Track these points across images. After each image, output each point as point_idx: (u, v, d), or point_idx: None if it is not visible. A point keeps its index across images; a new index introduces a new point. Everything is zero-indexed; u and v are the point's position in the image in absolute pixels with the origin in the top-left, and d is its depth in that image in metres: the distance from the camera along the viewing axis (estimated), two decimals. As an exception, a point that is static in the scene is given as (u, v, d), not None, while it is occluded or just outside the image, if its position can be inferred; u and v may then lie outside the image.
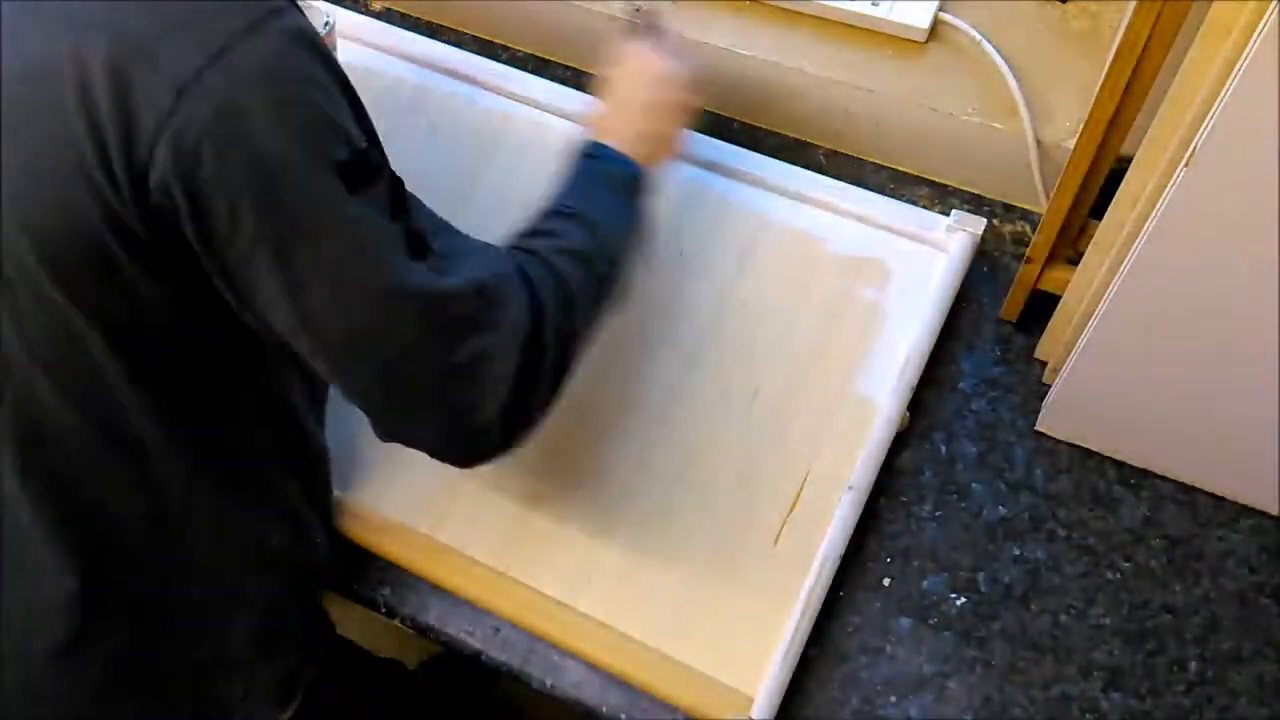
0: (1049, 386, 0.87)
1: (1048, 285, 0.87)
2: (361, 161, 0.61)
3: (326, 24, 0.90)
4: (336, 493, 0.87)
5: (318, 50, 0.60)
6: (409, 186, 0.97)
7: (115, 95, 0.54)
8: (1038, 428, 0.87)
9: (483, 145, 1.00)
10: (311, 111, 0.59)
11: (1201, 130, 0.61)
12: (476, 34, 1.09)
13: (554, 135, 0.99)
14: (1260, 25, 0.55)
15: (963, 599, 0.82)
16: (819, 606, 0.80)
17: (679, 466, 0.86)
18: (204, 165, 0.55)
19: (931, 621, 0.81)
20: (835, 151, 1.00)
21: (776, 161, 0.97)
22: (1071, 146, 0.76)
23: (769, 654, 0.78)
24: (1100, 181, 0.78)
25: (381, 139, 1.00)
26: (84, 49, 0.54)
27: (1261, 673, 0.78)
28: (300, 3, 0.82)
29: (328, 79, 0.61)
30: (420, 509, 0.86)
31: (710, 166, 0.96)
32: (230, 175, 0.56)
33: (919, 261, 0.91)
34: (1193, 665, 0.79)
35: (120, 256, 0.58)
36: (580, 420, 0.88)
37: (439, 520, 0.85)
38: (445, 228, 0.68)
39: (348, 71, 1.03)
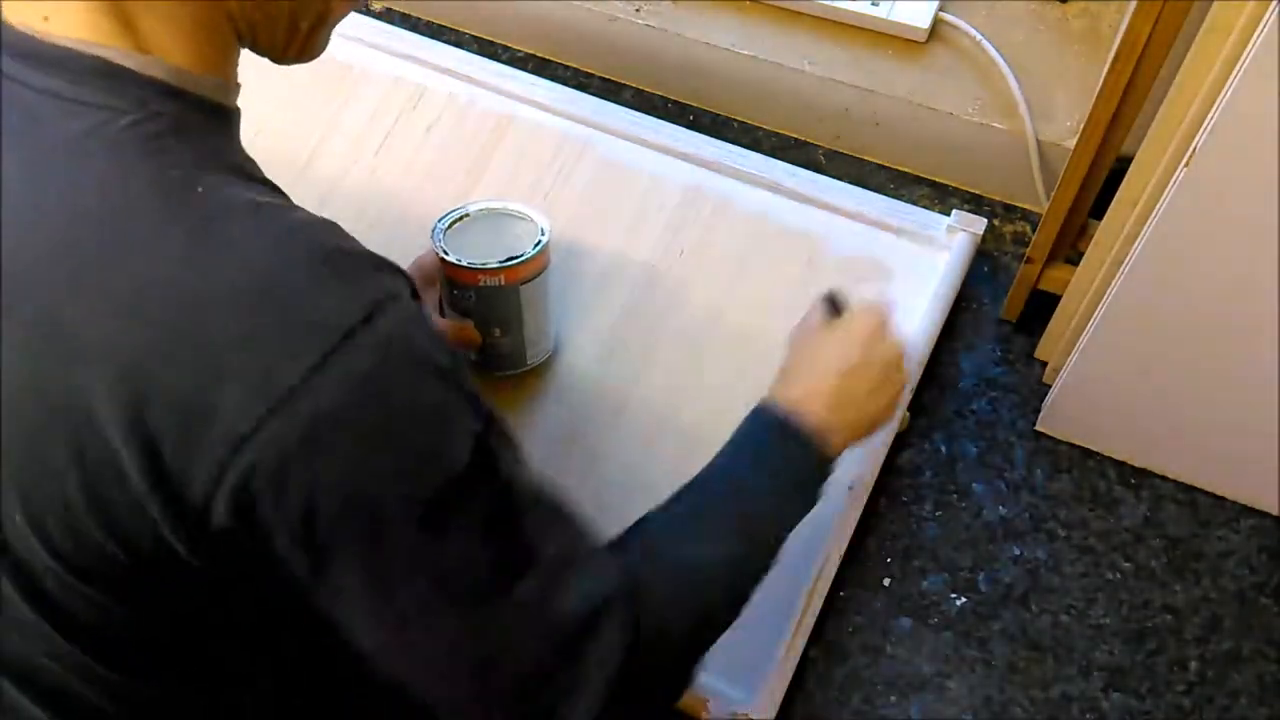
0: (1049, 386, 0.87)
1: (1048, 285, 0.87)
2: (457, 485, 0.51)
3: (539, 243, 0.80)
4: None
5: (415, 358, 0.51)
6: (409, 187, 0.98)
7: (163, 447, 0.48)
8: (1038, 428, 0.87)
9: (483, 145, 1.00)
10: (390, 453, 0.50)
11: (1201, 130, 0.61)
12: (476, 34, 1.09)
13: (554, 135, 0.99)
14: (1260, 25, 0.55)
15: (963, 599, 0.82)
16: (819, 606, 0.80)
17: (680, 466, 0.86)
18: (268, 515, 0.49)
19: (931, 621, 0.81)
20: (835, 151, 1.00)
21: (776, 161, 0.97)
22: (1071, 146, 0.76)
23: (769, 654, 0.78)
24: (1100, 181, 0.78)
25: (382, 139, 1.01)
26: (126, 391, 0.48)
27: (1261, 673, 0.78)
28: (514, 214, 0.83)
29: (427, 392, 0.51)
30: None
31: (710, 166, 0.96)
32: (298, 524, 0.49)
33: (919, 261, 0.91)
34: (1193, 665, 0.79)
35: (155, 570, 0.52)
36: (580, 421, 0.88)
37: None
38: (551, 516, 0.57)
39: (348, 72, 1.04)
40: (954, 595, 0.82)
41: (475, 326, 0.82)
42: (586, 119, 0.99)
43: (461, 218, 0.83)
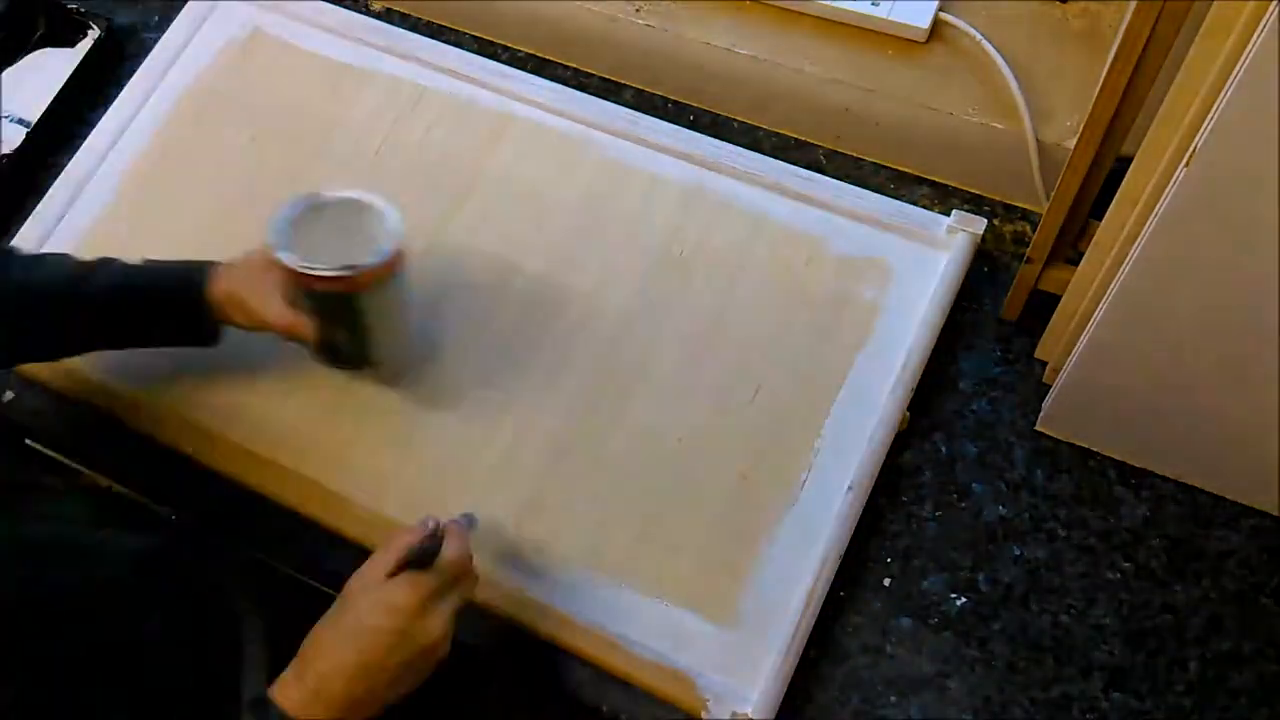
0: (1049, 386, 0.87)
1: (1048, 285, 0.87)
2: None
3: (380, 251, 0.75)
4: (338, 493, 0.87)
5: None
6: (409, 187, 0.98)
7: None
8: (1038, 428, 0.87)
9: (483, 145, 1.00)
10: None
11: (1201, 130, 0.61)
12: (476, 34, 1.09)
13: (554, 135, 0.99)
14: (1260, 25, 0.55)
15: (963, 599, 0.82)
16: (819, 606, 0.80)
17: (679, 466, 0.86)
18: None
19: (931, 621, 0.81)
20: (835, 151, 1.00)
21: (776, 161, 0.97)
22: (1071, 146, 0.76)
23: (769, 654, 0.79)
24: (1100, 181, 0.78)
25: (382, 139, 1.01)
26: None
27: (1261, 673, 0.78)
28: (372, 208, 0.76)
29: None
30: (420, 512, 0.86)
31: (710, 166, 0.96)
32: None
33: (919, 261, 0.91)
34: (1193, 665, 0.79)
35: None
36: (579, 423, 0.88)
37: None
38: None
39: (348, 72, 1.04)
40: (954, 595, 0.82)
41: (318, 325, 0.78)
42: (586, 119, 0.99)
43: (316, 207, 0.77)
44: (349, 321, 0.78)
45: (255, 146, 1.02)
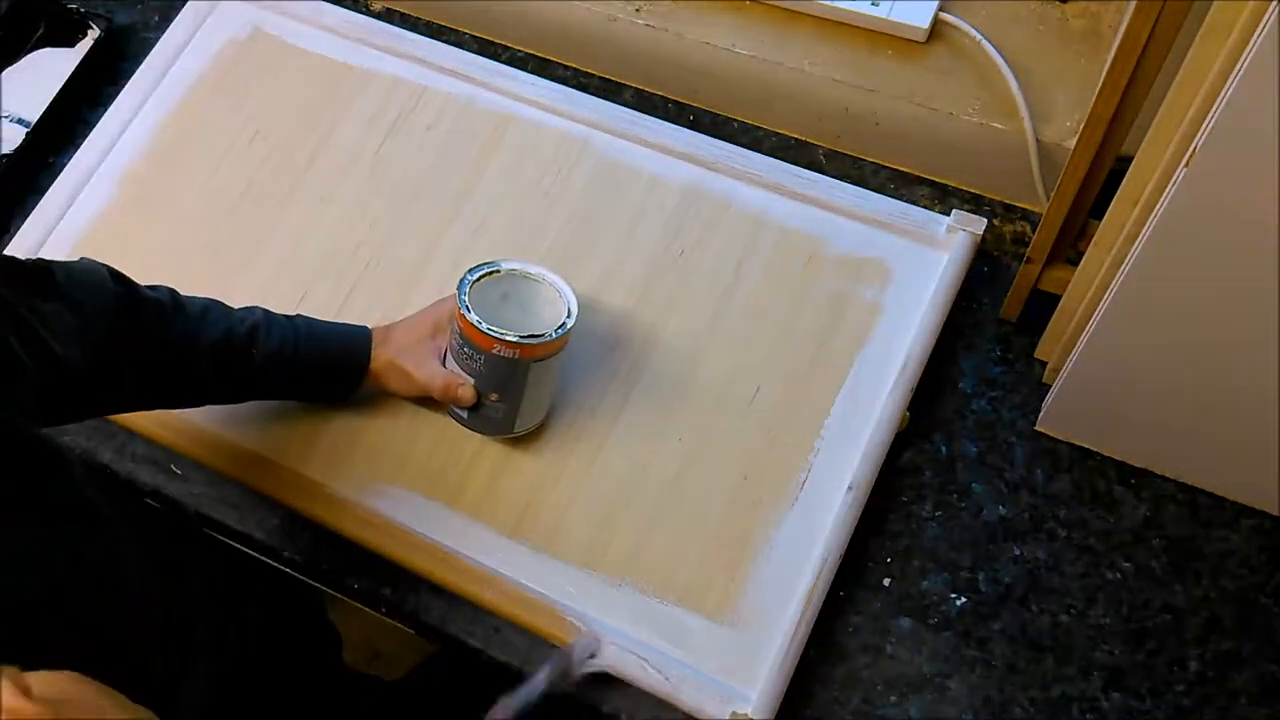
0: (1049, 386, 0.87)
1: (1048, 285, 0.87)
2: None
3: (563, 326, 0.82)
4: (338, 493, 0.87)
5: None
6: (408, 187, 0.98)
7: None
8: (1038, 428, 0.87)
9: (483, 145, 1.00)
10: None
11: (1201, 130, 0.61)
12: (476, 34, 1.09)
13: (554, 135, 0.99)
14: (1260, 25, 0.55)
15: (963, 599, 0.82)
16: (819, 606, 0.80)
17: (679, 466, 0.86)
18: None
19: (931, 621, 0.81)
20: (835, 151, 1.00)
21: (776, 161, 0.97)
22: (1071, 146, 0.76)
23: (769, 653, 0.79)
24: (1100, 181, 0.78)
25: (382, 139, 1.01)
26: None
27: (1261, 673, 0.78)
28: (545, 283, 0.84)
29: None
30: (421, 513, 0.86)
31: (710, 166, 0.96)
32: None
33: (919, 261, 0.91)
34: (1193, 665, 0.79)
35: None
36: (578, 423, 0.88)
37: (440, 524, 0.85)
38: None
39: (348, 72, 1.04)
40: (954, 595, 0.82)
41: (475, 387, 0.82)
42: (586, 119, 0.99)
43: (491, 273, 0.83)
44: (510, 387, 0.82)
45: (255, 146, 1.02)
